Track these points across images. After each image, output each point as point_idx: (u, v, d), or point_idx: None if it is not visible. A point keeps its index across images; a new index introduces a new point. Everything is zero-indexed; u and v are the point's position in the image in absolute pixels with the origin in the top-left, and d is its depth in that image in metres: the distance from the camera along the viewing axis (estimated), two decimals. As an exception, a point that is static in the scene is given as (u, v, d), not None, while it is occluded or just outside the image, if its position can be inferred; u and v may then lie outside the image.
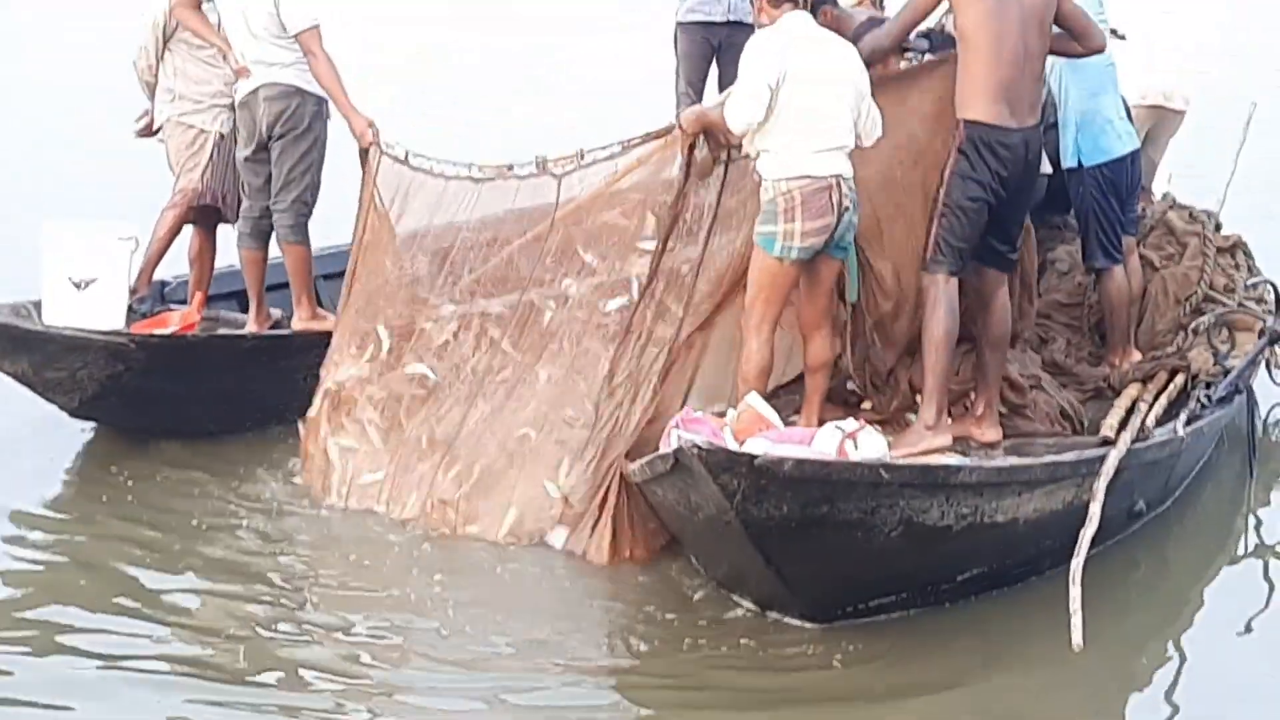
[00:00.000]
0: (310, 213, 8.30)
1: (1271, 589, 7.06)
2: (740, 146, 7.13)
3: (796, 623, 6.35)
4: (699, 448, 5.67)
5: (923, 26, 7.36)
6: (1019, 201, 7.14)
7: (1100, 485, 6.41)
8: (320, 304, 8.69)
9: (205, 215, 8.70)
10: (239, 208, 8.58)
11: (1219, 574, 7.24)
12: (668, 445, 6.35)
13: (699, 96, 10.50)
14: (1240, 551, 7.52)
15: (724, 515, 5.86)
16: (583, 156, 7.47)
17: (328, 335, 8.00)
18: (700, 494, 5.89)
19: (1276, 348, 8.50)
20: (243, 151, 8.31)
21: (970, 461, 6.50)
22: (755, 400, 6.61)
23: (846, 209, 6.86)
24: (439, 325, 7.63)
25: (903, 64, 7.63)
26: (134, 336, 7.99)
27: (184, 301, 8.72)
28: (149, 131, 8.84)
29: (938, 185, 7.01)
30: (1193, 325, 8.28)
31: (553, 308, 7.45)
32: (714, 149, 7.23)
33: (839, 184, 6.82)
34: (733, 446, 6.21)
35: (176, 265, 8.85)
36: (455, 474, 7.31)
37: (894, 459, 6.38)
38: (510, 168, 7.64)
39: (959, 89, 6.95)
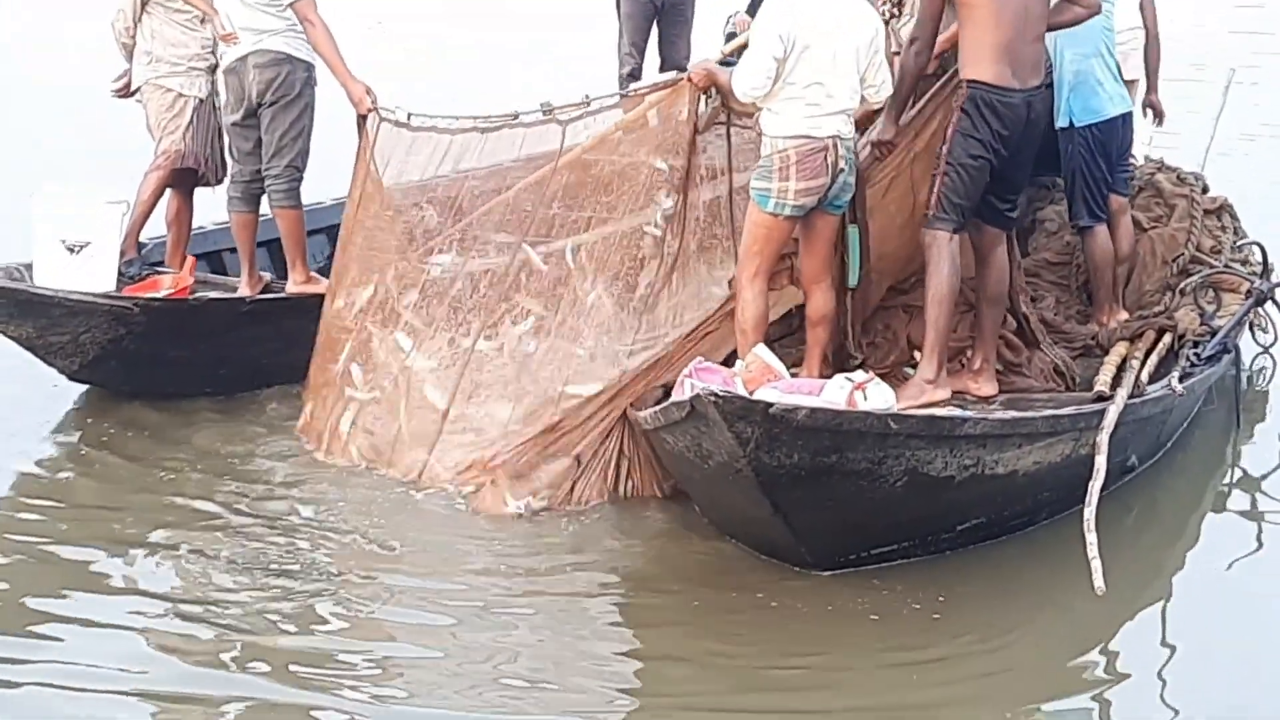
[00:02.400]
0: (301, 177, 8.38)
1: (1257, 536, 7.18)
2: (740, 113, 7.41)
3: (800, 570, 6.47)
4: (715, 395, 5.79)
5: None
6: (1021, 160, 7.31)
7: (1103, 438, 6.56)
8: None
9: (182, 178, 8.80)
10: (219, 170, 8.72)
11: (1206, 522, 7.37)
12: (681, 394, 6.45)
13: (642, 57, 10.70)
14: (1225, 502, 7.67)
15: (735, 463, 5.99)
16: (589, 104, 7.56)
17: (323, 298, 8.10)
18: (713, 441, 6.01)
19: (1261, 308, 8.69)
20: (231, 117, 8.38)
21: (974, 414, 6.61)
22: (762, 351, 6.75)
23: (841, 170, 7.02)
24: (443, 279, 7.71)
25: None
26: (137, 300, 8.10)
27: (161, 263, 8.81)
28: (126, 91, 8.90)
29: (941, 143, 7.13)
30: (1180, 286, 8.45)
31: (562, 255, 7.55)
32: (722, 104, 7.36)
33: (835, 145, 6.99)
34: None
35: (149, 229, 8.90)
36: (458, 428, 7.38)
37: (901, 410, 6.49)
38: (516, 115, 7.75)
39: (961, 51, 7.09)
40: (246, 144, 8.36)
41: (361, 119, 7.99)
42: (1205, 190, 9.22)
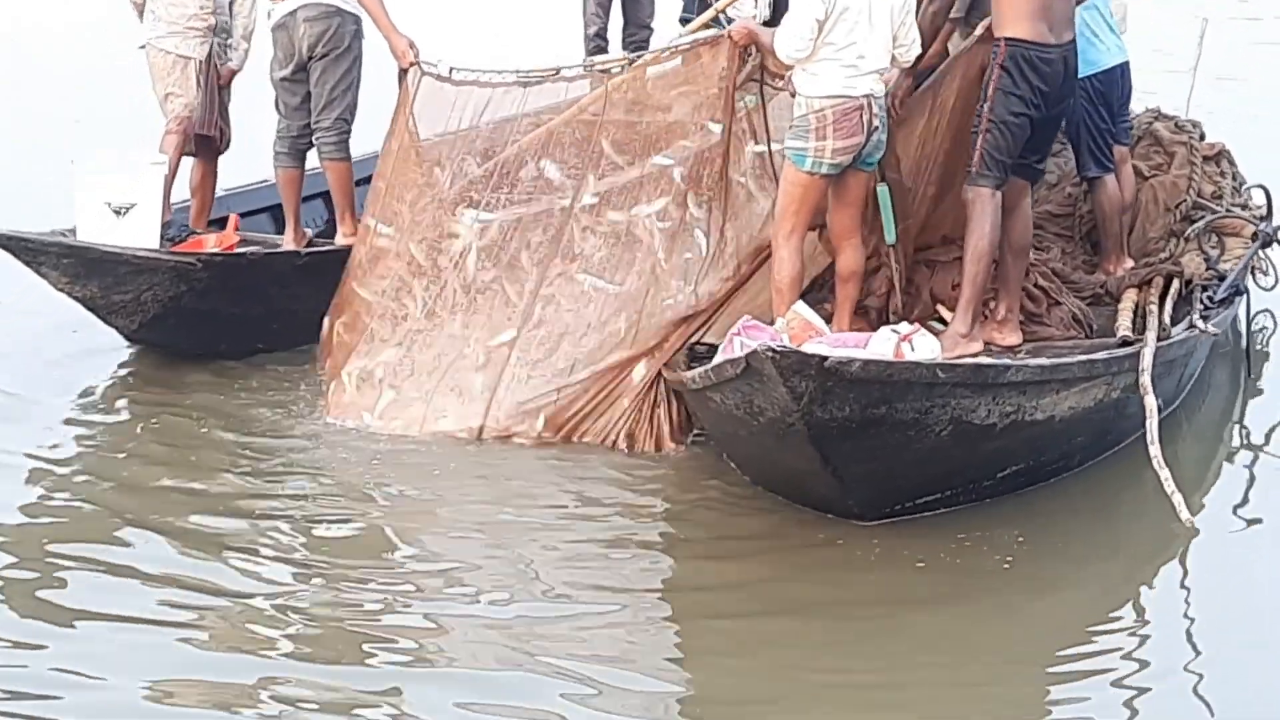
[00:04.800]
0: (350, 130, 8.38)
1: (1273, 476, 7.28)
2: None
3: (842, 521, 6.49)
4: (773, 350, 5.73)
5: None
6: (1056, 115, 7.31)
7: (1146, 380, 6.61)
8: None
9: (204, 145, 8.73)
10: (218, 129, 8.67)
11: (1224, 464, 7.47)
12: (730, 352, 6.49)
13: (607, 16, 10.71)
14: (1241, 442, 7.77)
15: (788, 417, 5.95)
16: (630, 61, 7.66)
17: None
18: (766, 397, 5.95)
19: (1263, 251, 8.81)
20: (280, 73, 8.37)
21: (1016, 360, 6.69)
22: (802, 308, 6.78)
23: (876, 128, 7.04)
24: (487, 228, 7.72)
25: None
26: (199, 256, 8.08)
27: (185, 227, 8.75)
28: None
29: (978, 100, 7.14)
30: (1184, 232, 8.52)
31: (602, 209, 7.64)
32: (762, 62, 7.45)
33: (870, 104, 7.00)
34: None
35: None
36: (492, 379, 7.46)
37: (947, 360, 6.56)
38: (558, 71, 7.77)
39: (998, 9, 7.05)
40: (294, 99, 8.37)
41: (403, 72, 7.94)
42: (1203, 137, 9.28)
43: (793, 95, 7.13)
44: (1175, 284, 8.07)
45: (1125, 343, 7.18)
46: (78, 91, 13.80)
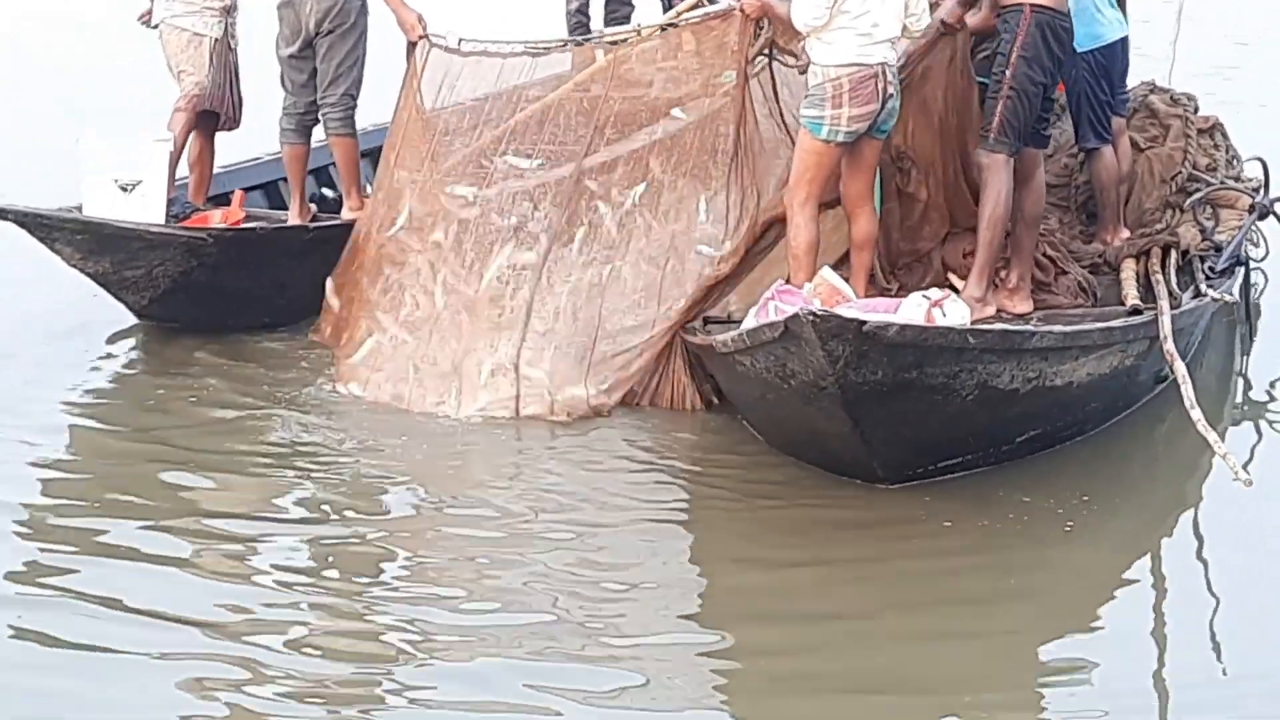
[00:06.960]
0: (356, 105, 8.43)
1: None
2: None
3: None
4: (814, 315, 5.79)
5: None
6: (1055, 82, 7.46)
7: (1170, 345, 6.71)
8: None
9: (205, 120, 8.75)
10: (235, 111, 8.70)
11: (1231, 426, 7.56)
12: (765, 316, 6.57)
13: None
14: (1248, 403, 7.95)
15: (821, 381, 6.01)
16: (639, 32, 7.71)
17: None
18: (801, 361, 6.01)
19: (1258, 223, 8.95)
20: (286, 50, 8.40)
21: (1040, 328, 6.81)
22: (829, 274, 6.85)
23: (890, 96, 7.12)
24: (486, 202, 7.77)
25: None
26: (210, 230, 8.10)
27: (188, 203, 8.75)
28: (148, 17, 8.84)
29: (1003, 68, 7.22)
30: (1181, 203, 8.65)
31: (610, 179, 7.71)
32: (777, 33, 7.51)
33: (884, 72, 7.08)
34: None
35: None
36: (507, 358, 7.48)
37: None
38: (566, 42, 7.86)
39: None
40: (301, 76, 8.40)
41: (411, 46, 7.99)
42: (1196, 110, 9.46)
43: (800, 73, 7.21)
44: (1173, 254, 8.18)
45: (1135, 311, 7.28)
46: (78, 90, 13.75)
